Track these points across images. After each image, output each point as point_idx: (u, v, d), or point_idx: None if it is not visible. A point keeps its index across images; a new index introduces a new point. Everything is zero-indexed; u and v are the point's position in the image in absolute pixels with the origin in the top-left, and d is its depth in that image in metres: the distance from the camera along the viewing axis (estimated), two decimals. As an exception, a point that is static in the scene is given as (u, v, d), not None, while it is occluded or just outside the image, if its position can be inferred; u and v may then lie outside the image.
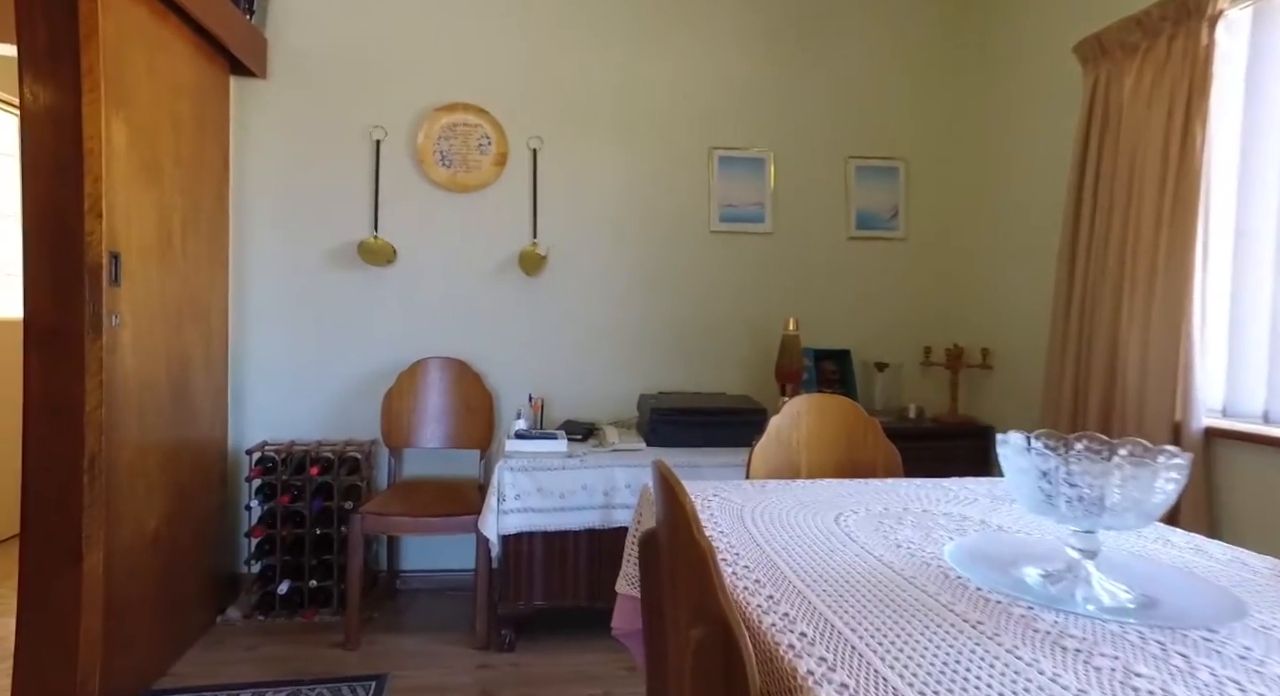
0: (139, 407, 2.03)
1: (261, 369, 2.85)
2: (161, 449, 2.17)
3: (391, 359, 2.92)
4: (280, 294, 2.86)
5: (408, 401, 2.83)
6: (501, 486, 2.38)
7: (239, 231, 2.81)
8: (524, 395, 3.00)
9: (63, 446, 1.85)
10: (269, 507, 2.62)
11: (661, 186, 3.09)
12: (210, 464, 2.53)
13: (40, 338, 1.84)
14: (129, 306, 1.97)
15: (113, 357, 1.90)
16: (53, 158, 1.82)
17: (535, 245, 2.98)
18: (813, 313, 3.17)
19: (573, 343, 3.04)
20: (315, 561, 2.64)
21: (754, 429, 2.71)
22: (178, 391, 2.26)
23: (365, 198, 2.90)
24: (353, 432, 2.90)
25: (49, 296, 1.83)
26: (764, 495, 1.56)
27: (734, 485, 1.66)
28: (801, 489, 1.60)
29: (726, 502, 1.50)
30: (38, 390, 1.84)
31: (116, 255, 1.90)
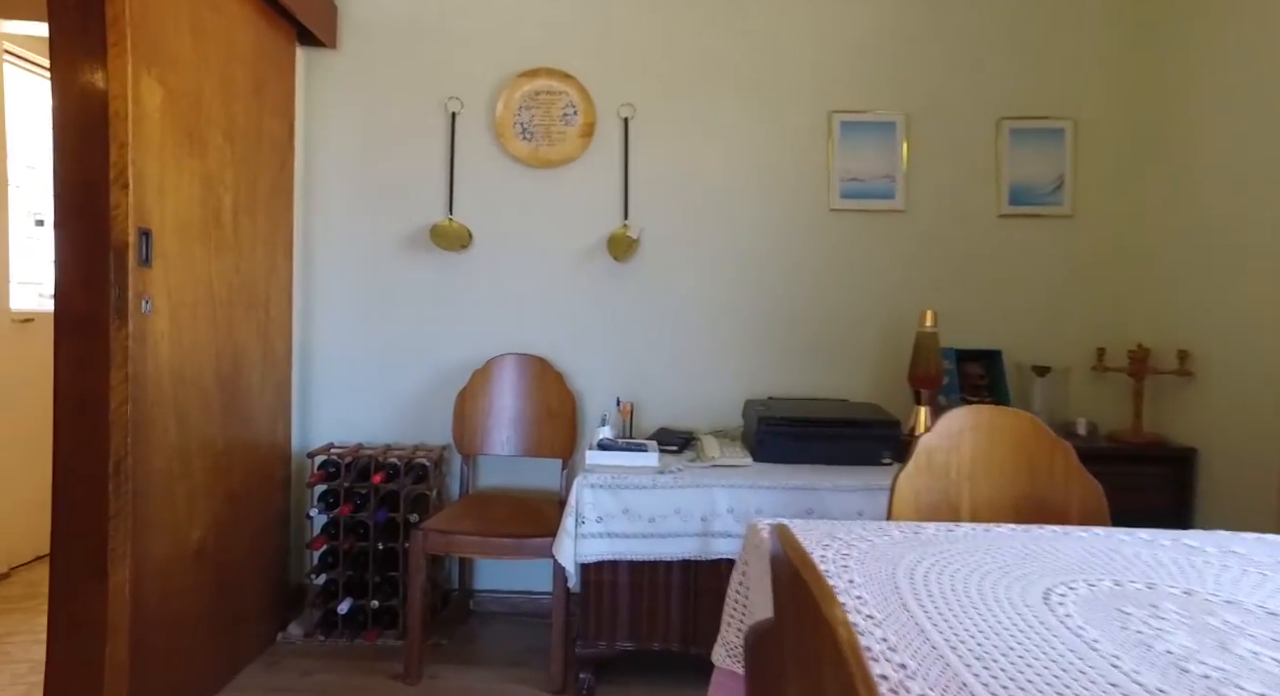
0: (177, 406, 1.80)
1: (330, 364, 2.63)
2: (208, 452, 1.95)
3: (465, 355, 2.64)
4: (350, 282, 2.63)
5: (481, 403, 2.53)
6: (580, 506, 2.03)
7: (305, 214, 2.60)
8: (611, 398, 2.65)
9: (88, 449, 1.63)
10: (331, 517, 2.38)
11: (772, 159, 2.65)
12: (270, 468, 2.31)
13: (70, 326, 1.63)
14: (164, 291, 1.74)
15: (142, 348, 1.67)
16: (79, 122, 1.61)
17: (626, 227, 2.61)
18: (954, 305, 2.64)
19: (667, 339, 2.66)
20: (379, 578, 2.38)
21: (885, 444, 2.24)
22: (228, 388, 2.04)
23: (440, 176, 2.63)
24: (424, 436, 2.64)
25: (78, 279, 1.62)
26: (921, 547, 1.11)
27: (875, 528, 1.22)
28: (974, 539, 1.14)
29: (869, 556, 1.06)
30: (66, 385, 1.63)
31: (147, 232, 1.67)
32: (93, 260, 1.62)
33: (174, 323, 1.78)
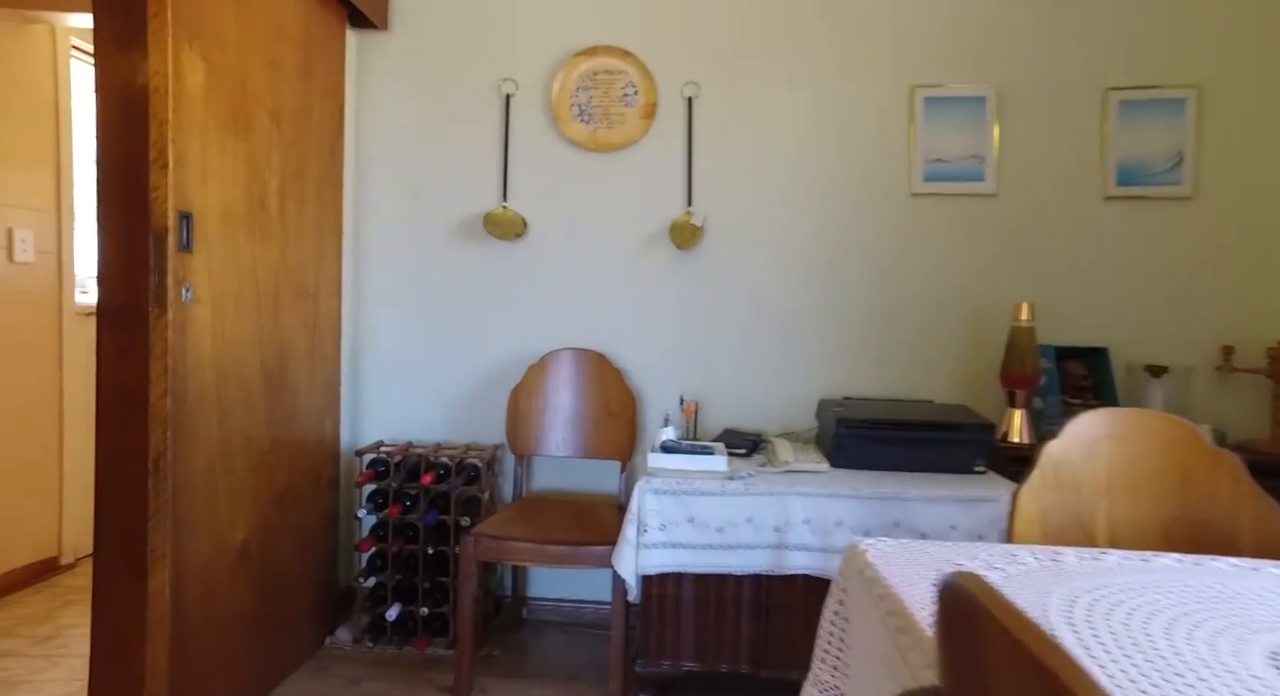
0: (219, 401, 1.71)
1: (380, 358, 2.53)
2: (252, 450, 1.85)
3: (519, 349, 2.50)
4: (401, 272, 2.53)
5: (536, 401, 2.39)
6: (642, 513, 1.86)
7: (355, 201, 2.51)
8: (672, 397, 2.48)
9: (128, 444, 1.54)
10: (380, 518, 2.27)
11: (847, 139, 2.44)
12: (318, 467, 2.21)
13: (110, 316, 1.54)
14: (206, 280, 1.65)
15: (183, 339, 1.58)
16: (120, 100, 1.52)
17: (689, 214, 2.44)
18: (1053, 298, 2.39)
19: (733, 333, 2.47)
20: (429, 583, 2.26)
21: (978, 450, 2.01)
22: (274, 383, 1.94)
23: (493, 162, 2.50)
24: (476, 434, 2.51)
25: (119, 266, 1.53)
26: (1068, 579, 0.91)
27: (1003, 553, 1.02)
28: (1131, 571, 0.94)
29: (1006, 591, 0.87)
30: (107, 377, 1.55)
31: (187, 216, 1.57)
32: (133, 246, 1.53)
33: (216, 313, 1.69)
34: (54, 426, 2.76)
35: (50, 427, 2.74)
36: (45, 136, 2.69)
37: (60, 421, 2.78)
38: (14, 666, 2.14)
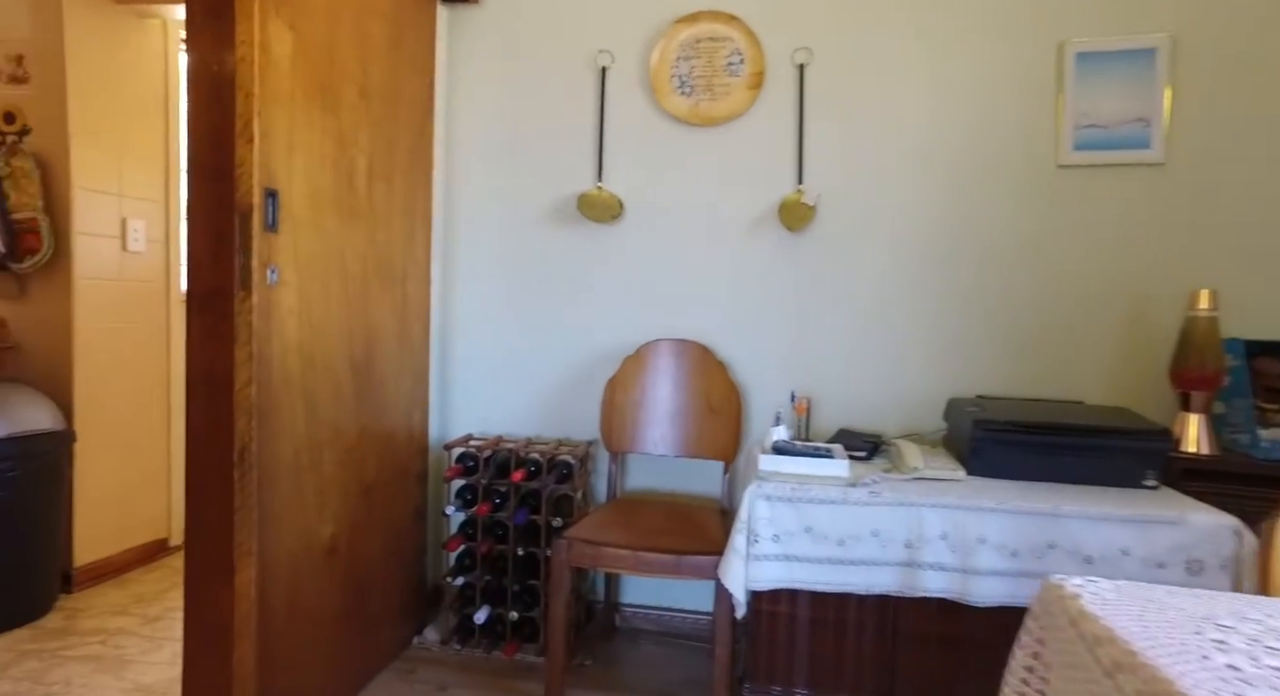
0: (305, 390, 1.62)
1: (470, 347, 2.43)
2: (340, 442, 1.77)
3: (615, 339, 2.35)
4: (491, 257, 2.41)
5: (633, 394, 2.23)
6: (753, 521, 1.67)
7: (445, 181, 2.41)
8: (780, 392, 2.26)
9: (215, 434, 1.47)
10: (469, 515, 2.17)
11: (982, 105, 2.16)
12: (406, 460, 2.13)
13: (198, 298, 1.48)
14: (292, 261, 1.56)
15: (268, 325, 1.49)
16: (209, 73, 1.44)
17: (800, 192, 2.21)
18: (1239, 284, 2.03)
19: (849, 323, 2.23)
20: (518, 586, 2.14)
21: (1149, 461, 1.71)
22: (361, 372, 1.85)
23: (588, 139, 2.35)
24: (569, 429, 2.38)
25: (206, 246, 1.46)
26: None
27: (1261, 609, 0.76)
28: None
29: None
30: (195, 364, 1.48)
31: (273, 193, 1.48)
32: (219, 225, 1.45)
33: (302, 298, 1.60)
34: (163, 411, 2.81)
35: (160, 412, 2.79)
36: (155, 128, 2.73)
37: (168, 406, 2.83)
38: (126, 645, 2.16)
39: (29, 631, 2.24)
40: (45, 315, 2.45)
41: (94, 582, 2.55)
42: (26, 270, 2.39)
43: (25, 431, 2.21)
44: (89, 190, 2.47)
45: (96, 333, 2.50)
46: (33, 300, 2.45)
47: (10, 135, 2.42)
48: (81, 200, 2.45)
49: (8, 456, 2.16)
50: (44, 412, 2.28)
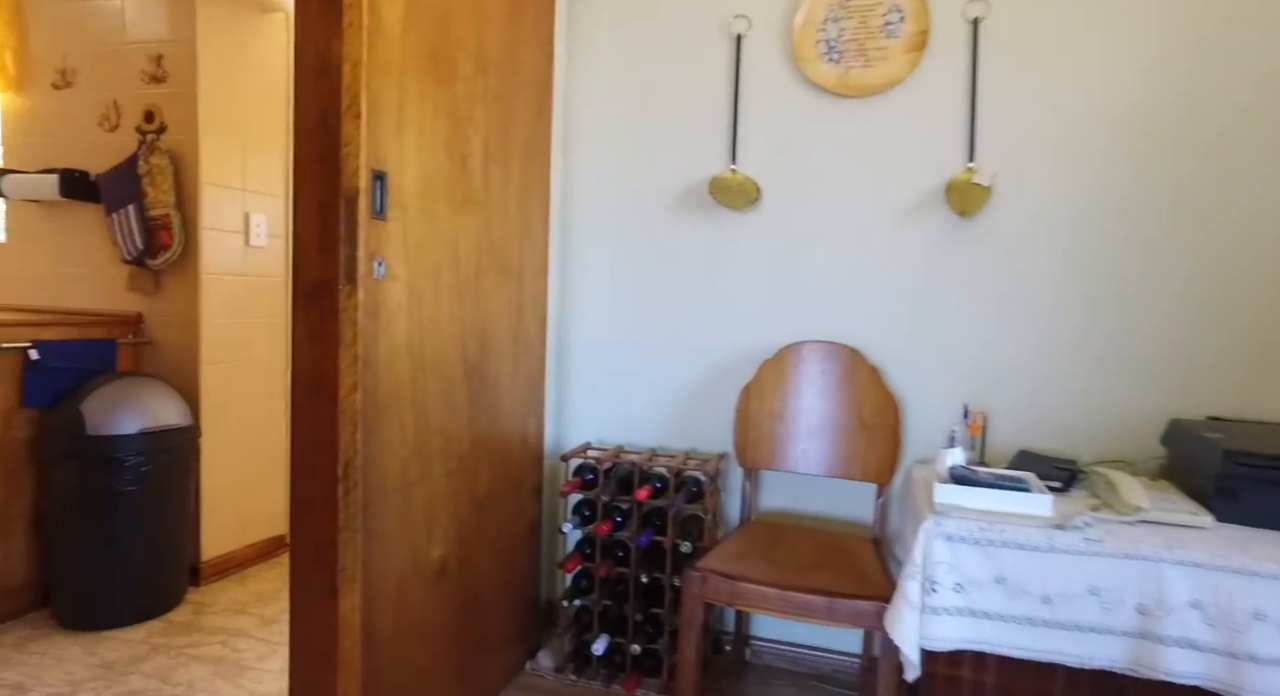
0: (415, 395, 1.46)
1: (589, 347, 2.23)
2: (451, 452, 1.61)
3: (751, 341, 2.08)
4: (613, 248, 2.20)
5: (771, 403, 1.96)
6: (930, 565, 1.36)
7: (564, 165, 2.22)
8: (947, 404, 1.93)
9: (318, 445, 1.34)
10: (586, 533, 1.98)
11: (1217, 61, 1.74)
12: (521, 471, 1.96)
13: (303, 294, 1.34)
14: (401, 253, 1.40)
15: (374, 323, 1.34)
16: (314, 44, 1.30)
17: (972, 170, 1.87)
18: None
19: (1030, 324, 1.87)
20: (640, 615, 1.93)
21: None
22: (475, 374, 1.69)
23: (721, 117, 2.10)
24: (697, 440, 2.14)
25: (311, 236, 1.33)
26: None
27: None
28: None
29: None
30: (299, 366, 1.35)
31: (381, 176, 1.33)
32: (324, 213, 1.31)
33: (412, 293, 1.44)
34: (283, 407, 2.80)
35: (280, 408, 2.79)
36: (277, 122, 2.72)
37: (288, 402, 2.82)
38: (243, 648, 2.12)
39: (161, 623, 2.24)
40: (175, 310, 2.46)
41: (219, 577, 2.56)
42: (160, 266, 2.41)
43: (156, 426, 2.21)
44: (215, 185, 2.47)
45: (221, 328, 2.50)
46: (165, 296, 2.48)
47: (150, 133, 2.45)
48: (209, 195, 2.45)
49: (140, 451, 2.16)
50: (174, 407, 2.28)
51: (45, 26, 2.61)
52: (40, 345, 2.19)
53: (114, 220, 2.42)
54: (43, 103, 2.62)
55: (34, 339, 2.20)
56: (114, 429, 2.13)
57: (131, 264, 2.43)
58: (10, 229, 2.71)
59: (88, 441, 2.11)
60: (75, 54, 2.56)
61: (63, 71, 2.59)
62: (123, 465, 2.13)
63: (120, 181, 2.41)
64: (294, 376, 1.36)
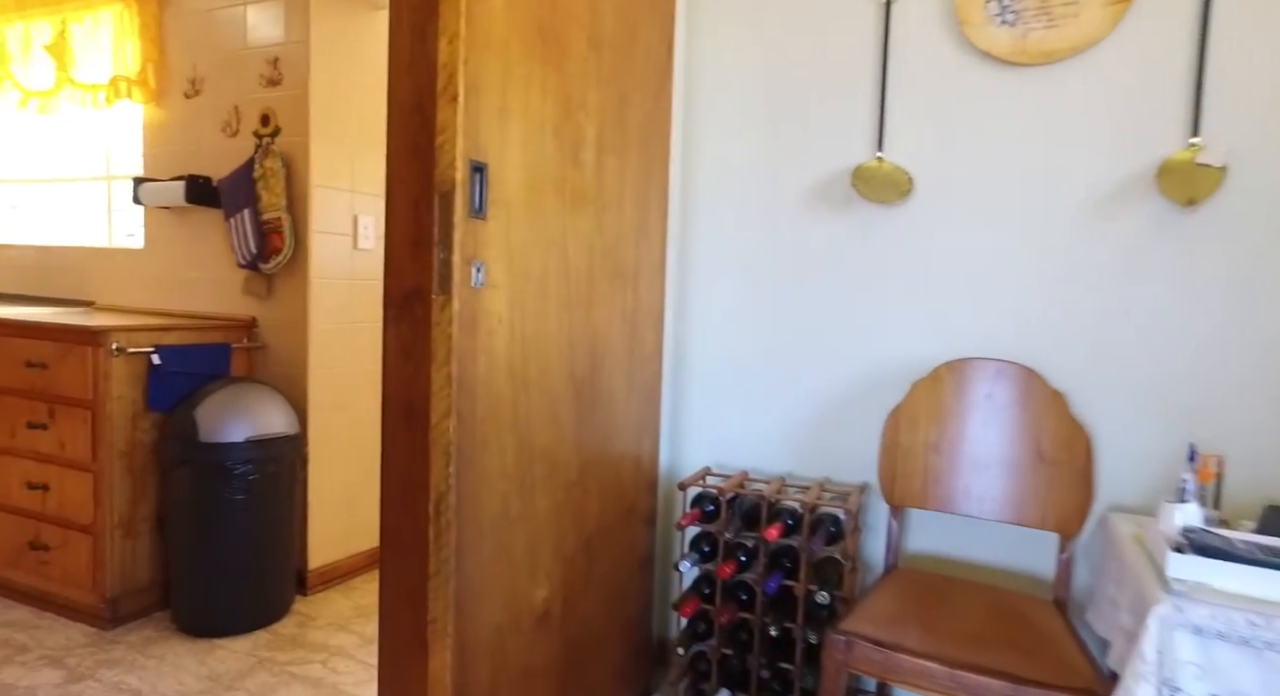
0: (516, 419, 1.28)
1: (710, 360, 2.00)
2: (557, 481, 1.42)
3: (900, 357, 1.78)
4: (740, 249, 1.96)
5: (926, 431, 1.66)
6: (1171, 666, 1.04)
7: (683, 155, 1.99)
8: (1157, 440, 1.56)
9: (408, 479, 1.18)
10: (705, 570, 1.75)
11: None
12: (633, 499, 1.75)
13: (393, 305, 1.19)
14: (503, 256, 1.22)
15: (472, 338, 1.16)
16: (410, 20, 1.14)
17: (1197, 148, 1.49)
18: None
19: (1271, 341, 1.47)
20: (767, 672, 1.68)
21: None
22: (585, 392, 1.49)
23: (866, 96, 1.81)
24: (833, 468, 1.86)
25: (404, 239, 1.17)
26: None
27: None
28: None
29: None
30: (391, 387, 1.21)
31: (480, 168, 1.15)
32: (417, 210, 1.15)
33: (515, 301, 1.26)
34: (390, 416, 2.74)
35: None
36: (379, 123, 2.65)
37: (396, 411, 2.76)
38: (342, 670, 2.04)
39: (267, 635, 2.20)
40: (285, 315, 2.43)
41: (325, 586, 2.52)
42: (271, 270, 2.39)
43: (264, 435, 2.17)
44: (325, 187, 2.42)
45: (329, 333, 2.45)
46: (277, 300, 2.45)
47: (265, 137, 2.43)
48: (318, 198, 2.40)
49: (248, 459, 2.12)
50: (282, 415, 2.24)
51: (179, 38, 2.65)
52: (162, 350, 2.20)
53: (231, 224, 2.42)
54: (176, 112, 2.67)
55: (156, 343, 2.21)
56: (224, 436, 2.10)
57: (246, 268, 2.42)
58: (148, 235, 2.79)
59: (200, 448, 2.09)
60: (203, 63, 2.59)
61: (192, 80, 2.63)
62: (231, 473, 2.10)
63: (237, 186, 2.40)
64: (384, 398, 1.21)
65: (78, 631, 2.19)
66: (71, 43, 2.91)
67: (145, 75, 2.70)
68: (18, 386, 2.29)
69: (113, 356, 2.11)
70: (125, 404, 2.16)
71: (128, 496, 2.19)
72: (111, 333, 2.11)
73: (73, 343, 2.16)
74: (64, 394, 2.19)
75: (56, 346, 2.19)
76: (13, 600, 2.38)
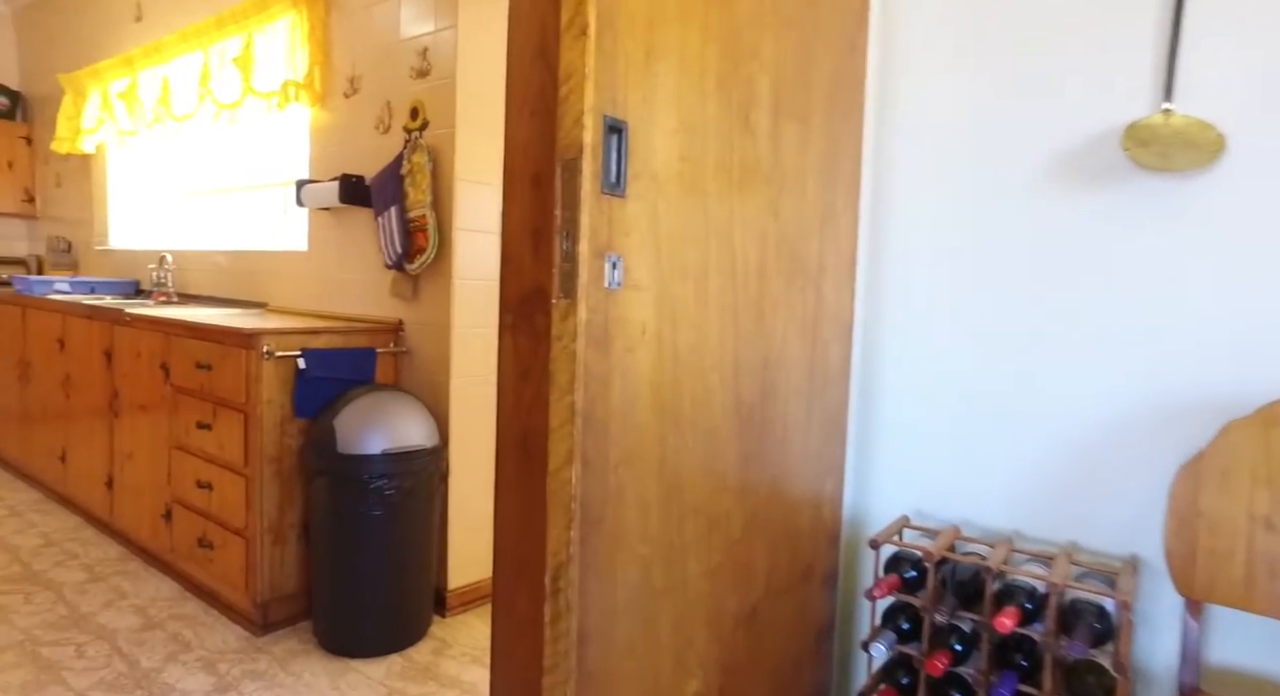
0: (663, 464, 0.97)
1: (911, 380, 1.58)
2: (715, 540, 1.10)
3: (1201, 385, 1.28)
4: (952, 238, 1.52)
5: (1252, 497, 1.15)
6: None
7: (881, 119, 1.59)
8: None
9: (520, 540, 0.91)
10: (902, 653, 1.35)
11: None
12: (808, 557, 1.39)
13: (512, 311, 0.93)
14: (649, 247, 0.92)
15: (604, 357, 0.86)
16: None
17: None
18: None
19: None
20: (992, 804, 1.25)
21: None
22: (753, 424, 1.16)
23: (1145, 23, 1.32)
24: (1083, 532, 1.38)
25: (519, 228, 0.90)
26: None
27: None
28: None
29: None
30: (505, 417, 0.94)
31: (618, 128, 0.85)
32: (538, 188, 0.87)
33: (664, 307, 0.95)
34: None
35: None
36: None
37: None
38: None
39: (401, 661, 2.07)
40: (428, 318, 2.31)
41: (464, 608, 2.37)
42: (416, 271, 2.27)
43: (401, 448, 2.03)
44: (469, 181, 2.26)
45: (472, 338, 2.29)
46: (421, 302, 2.33)
47: (413, 131, 2.32)
48: (463, 193, 2.24)
49: (384, 474, 2.00)
50: (421, 426, 2.10)
51: (342, 39, 2.63)
52: (307, 354, 2.14)
53: (380, 223, 2.33)
54: (337, 113, 2.65)
55: (303, 347, 2.15)
56: (361, 448, 1.98)
57: (393, 269, 2.32)
58: (310, 237, 2.80)
59: (338, 459, 1.98)
60: (361, 61, 2.54)
61: (351, 79, 2.59)
62: (368, 487, 1.98)
63: (386, 183, 2.30)
64: (498, 428, 0.95)
65: (233, 634, 2.17)
66: (254, 53, 3.00)
67: (311, 78, 2.70)
68: (191, 387, 2.33)
69: (264, 360, 2.07)
70: (274, 408, 2.11)
71: (276, 502, 2.14)
72: (263, 336, 2.07)
73: (230, 345, 2.15)
74: (223, 396, 2.19)
75: (218, 348, 2.20)
76: (191, 593, 2.44)
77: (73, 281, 3.62)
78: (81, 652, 2.06)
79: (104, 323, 2.82)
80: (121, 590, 2.45)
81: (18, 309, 3.54)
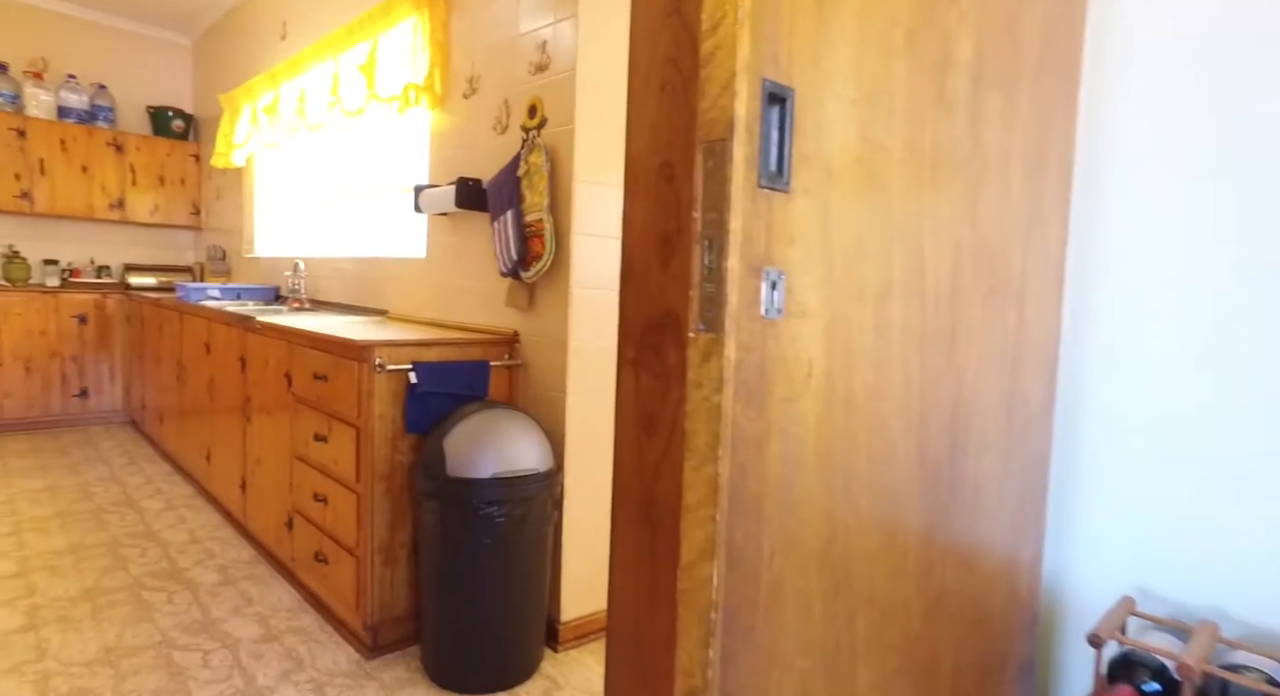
0: (830, 543, 0.73)
1: (1128, 420, 1.24)
2: (889, 638, 0.84)
3: None
4: (1188, 240, 1.17)
5: None
6: None
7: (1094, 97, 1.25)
8: None
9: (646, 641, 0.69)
10: (1138, 792, 1.02)
11: None
12: (1005, 648, 1.09)
13: (633, 344, 0.72)
14: (818, 261, 0.67)
15: (761, 410, 0.63)
16: None
17: None
18: None
19: None
20: None
21: None
22: (938, 486, 0.89)
23: None
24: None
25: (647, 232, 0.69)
26: None
27: None
28: None
29: None
30: (623, 472, 0.73)
31: (782, 96, 0.61)
32: (670, 182, 0.65)
33: (836, 339, 0.71)
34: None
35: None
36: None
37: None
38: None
39: (509, 698, 1.93)
40: (545, 330, 2.15)
41: (578, 642, 2.20)
42: (531, 279, 2.12)
43: (513, 472, 1.89)
44: (588, 183, 2.09)
45: (590, 352, 2.12)
46: (537, 313, 2.19)
47: (531, 130, 2.18)
48: (582, 195, 2.07)
49: (494, 500, 1.86)
50: (535, 448, 1.95)
51: (461, 39, 2.55)
52: (419, 367, 2.04)
53: (495, 228, 2.20)
54: (456, 114, 2.57)
55: (416, 360, 2.06)
56: (471, 471, 1.85)
57: (508, 276, 2.19)
58: (429, 243, 2.75)
59: (447, 482, 1.86)
60: (480, 59, 2.44)
61: (470, 79, 2.50)
62: (477, 513, 1.84)
63: (502, 186, 2.18)
64: (614, 490, 0.74)
65: (344, 655, 2.11)
66: (377, 58, 3.00)
67: (431, 80, 2.64)
68: (309, 397, 2.31)
69: (376, 373, 1.99)
70: (386, 423, 2.03)
71: (387, 521, 2.06)
72: (375, 348, 1.99)
73: (343, 356, 2.09)
74: (338, 409, 2.14)
75: (333, 360, 2.14)
76: (309, 604, 2.42)
77: (222, 288, 3.80)
78: (207, 661, 2.06)
79: (240, 329, 2.89)
80: (249, 596, 2.47)
81: (176, 314, 3.76)
